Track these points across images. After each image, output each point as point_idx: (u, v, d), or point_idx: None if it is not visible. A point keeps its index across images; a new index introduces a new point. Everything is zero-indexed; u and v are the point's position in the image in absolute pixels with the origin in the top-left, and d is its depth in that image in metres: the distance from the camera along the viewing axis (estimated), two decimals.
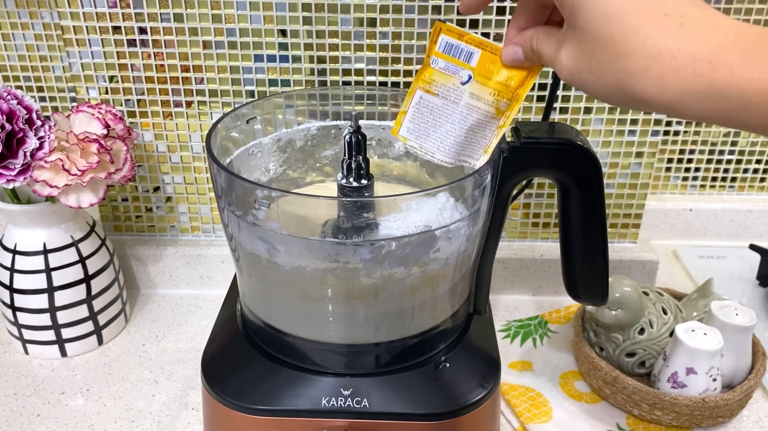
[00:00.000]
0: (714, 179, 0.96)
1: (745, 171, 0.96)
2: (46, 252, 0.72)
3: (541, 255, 0.85)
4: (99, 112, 0.69)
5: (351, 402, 0.53)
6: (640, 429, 0.67)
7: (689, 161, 0.95)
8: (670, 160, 0.95)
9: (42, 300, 0.72)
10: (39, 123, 0.66)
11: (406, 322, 0.54)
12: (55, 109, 0.88)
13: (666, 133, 0.93)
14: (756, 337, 0.71)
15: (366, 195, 0.55)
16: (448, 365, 0.56)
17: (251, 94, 0.77)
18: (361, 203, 0.53)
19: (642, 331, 0.69)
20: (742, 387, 0.66)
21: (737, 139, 0.94)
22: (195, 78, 0.76)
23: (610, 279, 0.61)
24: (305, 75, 0.76)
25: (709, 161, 0.95)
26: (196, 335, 0.80)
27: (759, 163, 0.95)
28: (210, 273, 0.86)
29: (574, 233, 0.58)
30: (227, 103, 0.78)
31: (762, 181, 0.97)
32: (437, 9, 0.73)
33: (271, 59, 0.75)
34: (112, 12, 0.73)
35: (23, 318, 0.73)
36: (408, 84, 0.77)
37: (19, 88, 0.86)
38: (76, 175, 0.66)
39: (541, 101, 0.78)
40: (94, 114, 0.69)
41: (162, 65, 0.76)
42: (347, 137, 0.53)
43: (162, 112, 0.78)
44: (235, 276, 0.65)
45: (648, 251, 0.86)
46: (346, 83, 0.77)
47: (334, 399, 0.53)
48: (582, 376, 0.73)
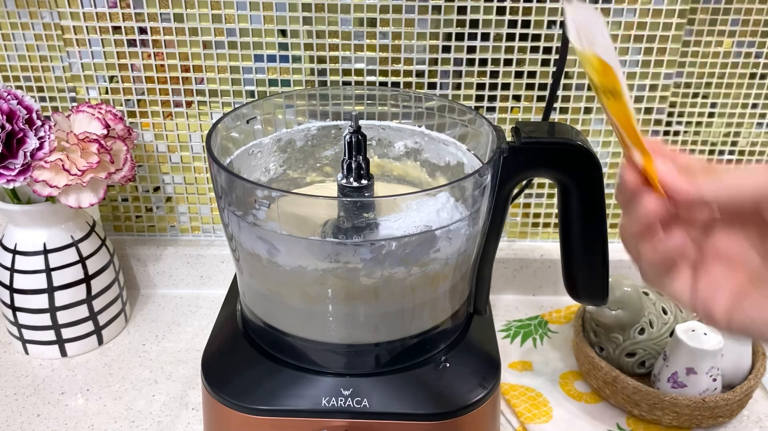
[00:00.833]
0: None
1: None
2: (46, 252, 0.72)
3: (541, 255, 0.85)
4: (99, 112, 0.69)
5: (351, 402, 0.53)
6: (640, 429, 0.67)
7: None
8: None
9: (42, 300, 0.72)
10: (39, 123, 0.66)
11: (406, 322, 0.54)
12: (55, 109, 0.88)
13: (666, 133, 0.93)
14: None
15: (366, 195, 0.55)
16: (448, 365, 0.56)
17: (251, 94, 0.77)
18: (361, 203, 0.53)
19: (642, 331, 0.69)
20: (742, 387, 0.66)
21: (737, 139, 0.93)
22: (195, 78, 0.76)
23: (610, 280, 0.61)
24: (305, 75, 0.76)
25: (709, 161, 0.95)
26: (196, 335, 0.80)
27: (759, 162, 0.95)
28: (210, 273, 0.86)
29: (574, 233, 0.58)
30: (227, 103, 0.78)
31: None
32: (437, 9, 0.73)
33: (271, 59, 0.75)
34: (112, 12, 0.73)
35: (23, 318, 0.73)
36: (408, 84, 0.77)
37: (19, 88, 0.86)
38: (76, 175, 0.66)
39: (541, 101, 0.78)
40: (94, 114, 0.69)
41: (162, 65, 0.76)
42: (347, 137, 0.53)
43: (162, 112, 0.78)
44: (235, 276, 0.65)
45: None
46: (346, 83, 0.77)
47: (334, 399, 0.53)
48: (582, 376, 0.73)
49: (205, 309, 0.85)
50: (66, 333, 0.75)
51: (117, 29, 0.73)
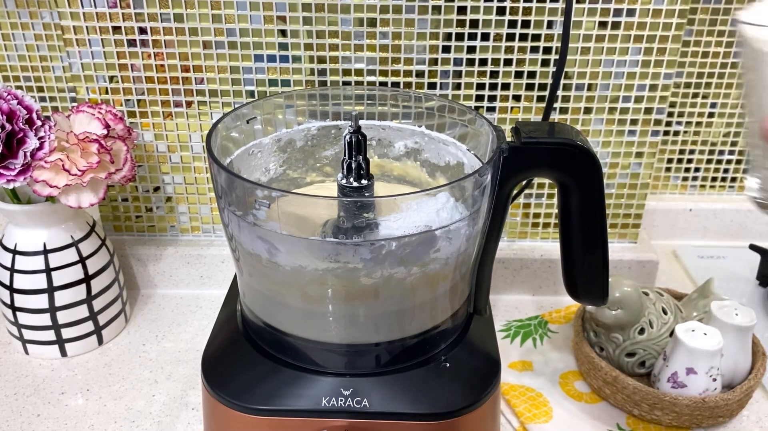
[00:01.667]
0: (714, 179, 0.96)
1: (745, 171, 0.96)
2: (46, 253, 0.72)
3: (541, 255, 0.85)
4: (99, 112, 0.69)
5: (351, 402, 0.53)
6: (640, 429, 0.67)
7: (689, 161, 0.95)
8: (670, 160, 0.95)
9: (42, 300, 0.72)
10: (39, 123, 0.66)
11: (406, 322, 0.54)
12: (55, 109, 0.88)
13: (666, 133, 0.93)
14: (756, 337, 0.71)
15: (366, 195, 0.55)
16: (448, 365, 0.56)
17: (251, 94, 0.77)
18: (361, 203, 0.53)
19: (642, 331, 0.69)
20: (742, 387, 0.66)
21: (737, 139, 0.94)
22: (195, 78, 0.76)
23: (610, 280, 0.61)
24: (305, 75, 0.76)
25: (709, 161, 0.95)
26: (196, 335, 0.80)
27: None
28: (210, 273, 0.86)
29: (574, 233, 0.58)
30: (227, 103, 0.78)
31: None
32: (437, 9, 0.73)
33: (271, 59, 0.75)
34: (112, 12, 0.73)
35: (23, 318, 0.73)
36: (408, 84, 0.77)
37: (19, 88, 0.86)
38: (76, 175, 0.66)
39: (541, 101, 0.78)
40: (94, 114, 0.69)
41: (162, 65, 0.76)
42: (347, 137, 0.53)
43: (162, 112, 0.78)
44: (235, 276, 0.65)
45: (648, 251, 0.86)
46: (346, 83, 0.77)
47: (334, 399, 0.53)
48: (582, 376, 0.73)
49: (205, 309, 0.85)
50: (66, 333, 0.75)
51: (117, 29, 0.73)
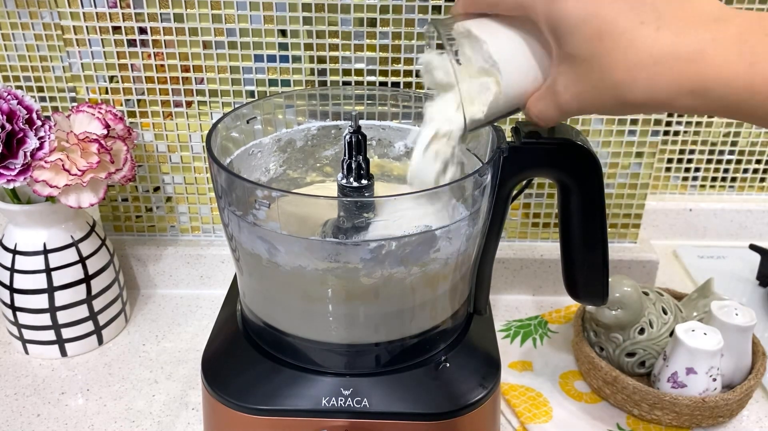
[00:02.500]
0: (714, 179, 0.96)
1: (745, 171, 0.96)
2: (46, 252, 0.72)
3: (541, 255, 0.85)
4: (99, 112, 0.69)
5: (351, 402, 0.53)
6: (640, 429, 0.67)
7: (689, 161, 0.95)
8: (670, 160, 0.95)
9: (42, 300, 0.72)
10: (39, 123, 0.66)
11: (406, 322, 0.55)
12: (55, 109, 0.88)
13: (666, 133, 0.93)
14: (756, 337, 0.71)
15: (366, 195, 0.55)
16: (448, 365, 0.56)
17: (251, 94, 0.77)
18: (361, 203, 0.53)
19: (642, 331, 0.69)
20: (742, 387, 0.66)
21: (737, 139, 0.94)
22: (195, 78, 0.76)
23: (610, 279, 0.61)
24: (305, 75, 0.76)
25: (709, 161, 0.95)
26: (196, 335, 0.80)
27: (759, 163, 0.95)
28: (210, 273, 0.86)
29: (574, 233, 0.58)
30: (227, 103, 0.78)
31: (762, 181, 0.97)
32: (437, 9, 0.73)
33: (271, 59, 0.75)
34: (112, 12, 0.73)
35: (23, 318, 0.73)
36: (408, 84, 0.77)
37: (19, 88, 0.86)
38: (76, 175, 0.66)
39: None
40: (94, 114, 0.69)
41: (162, 65, 0.76)
42: (347, 137, 0.53)
43: (162, 112, 0.78)
44: (235, 276, 0.65)
45: (648, 251, 0.86)
46: (346, 83, 0.77)
47: (334, 399, 0.53)
48: (582, 376, 0.73)
49: (205, 309, 0.85)
50: (66, 333, 0.75)
51: (117, 29, 0.73)
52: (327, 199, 0.56)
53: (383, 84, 0.77)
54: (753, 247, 0.89)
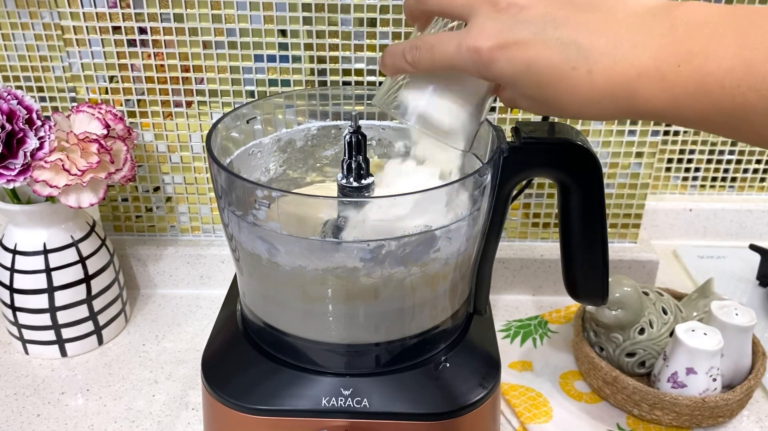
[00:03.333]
0: (714, 179, 0.96)
1: (745, 171, 0.96)
2: (46, 252, 0.72)
3: (541, 255, 0.85)
4: (99, 112, 0.69)
5: (351, 402, 0.53)
6: (640, 429, 0.67)
7: (689, 161, 0.95)
8: (670, 160, 0.95)
9: (42, 300, 0.72)
10: (39, 123, 0.66)
11: (406, 322, 0.55)
12: (55, 109, 0.88)
13: (666, 133, 0.93)
14: (756, 337, 0.71)
15: (366, 195, 0.55)
16: (448, 365, 0.56)
17: (251, 94, 0.77)
18: (361, 203, 0.53)
19: (642, 331, 0.69)
20: (742, 387, 0.66)
21: None
22: (195, 78, 0.76)
23: (610, 279, 0.61)
24: (305, 75, 0.76)
25: (709, 161, 0.95)
26: (196, 335, 0.80)
27: (759, 163, 0.95)
28: (210, 273, 0.86)
29: (574, 233, 0.58)
30: (227, 103, 0.78)
31: (762, 181, 0.97)
32: None
33: (271, 59, 0.75)
34: (112, 12, 0.73)
35: (23, 318, 0.73)
36: None
37: (19, 88, 0.86)
38: (76, 175, 0.66)
39: None
40: (94, 114, 0.69)
41: (162, 65, 0.76)
42: (347, 137, 0.53)
43: (162, 112, 0.78)
44: (235, 276, 0.65)
45: (648, 251, 0.86)
46: (346, 83, 0.77)
47: (334, 399, 0.53)
48: (582, 376, 0.73)
49: (205, 309, 0.85)
50: (66, 333, 0.75)
51: (117, 29, 0.73)
52: (327, 198, 0.56)
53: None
54: (753, 247, 0.89)
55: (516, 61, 0.40)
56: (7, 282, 0.72)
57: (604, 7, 0.39)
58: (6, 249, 0.72)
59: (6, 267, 0.72)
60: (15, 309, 0.73)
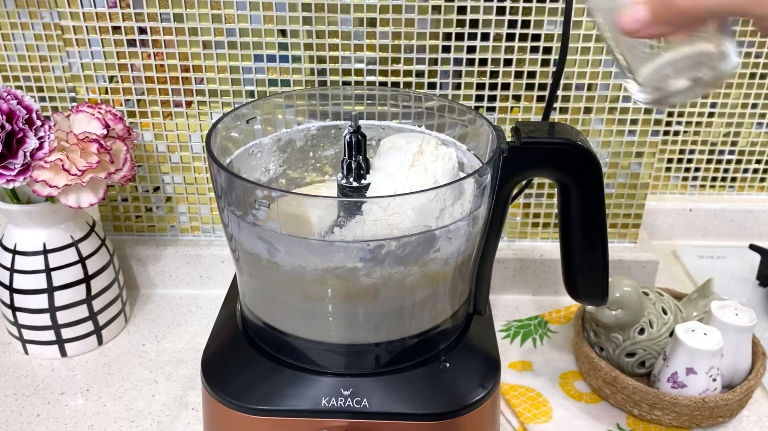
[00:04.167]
0: (714, 179, 0.96)
1: (745, 171, 0.96)
2: (45, 252, 0.72)
3: (541, 255, 0.85)
4: (99, 112, 0.69)
5: (351, 402, 0.53)
6: (640, 429, 0.67)
7: (689, 161, 0.95)
8: (670, 160, 0.95)
9: (42, 300, 0.72)
10: (39, 123, 0.66)
11: (406, 322, 0.54)
12: (55, 109, 0.88)
13: (666, 133, 0.93)
14: (756, 337, 0.71)
15: (366, 195, 0.55)
16: (448, 365, 0.56)
17: (251, 94, 0.77)
18: (361, 203, 0.53)
19: (642, 331, 0.69)
20: (742, 387, 0.66)
21: (737, 139, 0.94)
22: (195, 78, 0.76)
23: (609, 280, 0.61)
24: (305, 75, 0.76)
25: (709, 161, 0.95)
26: (195, 335, 0.80)
27: (759, 163, 0.95)
28: (210, 273, 0.86)
29: (574, 233, 0.58)
30: (227, 103, 0.78)
31: (762, 181, 0.97)
32: (437, 9, 0.73)
33: (271, 59, 0.75)
34: (112, 12, 0.73)
35: (23, 318, 0.73)
36: (408, 84, 0.77)
37: (19, 88, 0.86)
38: (76, 175, 0.66)
39: (541, 101, 0.78)
40: (94, 114, 0.69)
41: (162, 65, 0.76)
42: (347, 137, 0.53)
43: (162, 112, 0.78)
44: (235, 276, 0.65)
45: (648, 251, 0.86)
46: (346, 83, 0.77)
47: (334, 399, 0.53)
48: (582, 376, 0.73)
49: (205, 309, 0.85)
50: (66, 333, 0.75)
51: (117, 29, 0.73)
52: (327, 198, 0.56)
53: (383, 84, 0.77)
54: (753, 247, 0.89)
55: None
56: (7, 283, 0.72)
57: None
58: (6, 249, 0.72)
59: (6, 268, 0.72)
60: (15, 309, 0.73)
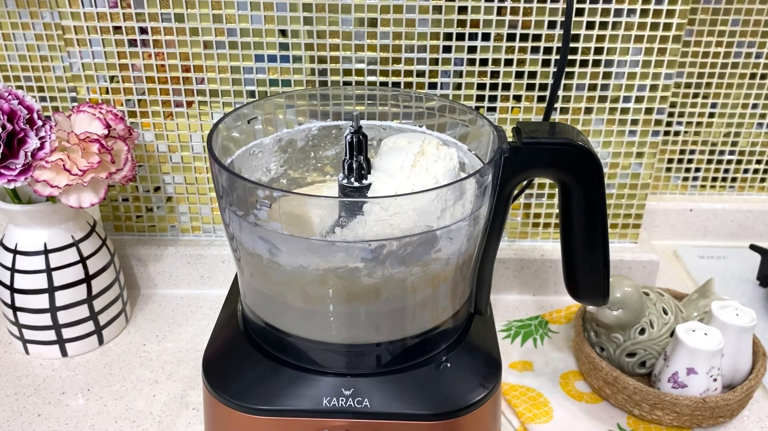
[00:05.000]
0: (714, 179, 0.97)
1: (745, 171, 0.96)
2: (46, 252, 0.72)
3: (542, 255, 0.85)
4: (100, 112, 0.69)
5: (352, 402, 0.53)
6: (640, 429, 0.67)
7: (689, 161, 0.95)
8: (670, 160, 0.95)
9: (42, 300, 0.72)
10: (40, 123, 0.66)
11: (407, 322, 0.55)
12: (56, 109, 0.88)
13: (666, 133, 0.93)
14: (756, 337, 0.71)
15: (367, 195, 0.55)
16: (449, 365, 0.56)
17: (252, 94, 0.77)
18: (363, 203, 0.53)
19: (642, 331, 0.69)
20: (742, 387, 0.66)
21: (737, 139, 0.94)
22: (195, 78, 0.76)
23: (610, 280, 0.61)
24: (306, 75, 0.76)
25: (709, 161, 0.95)
26: (196, 335, 0.80)
27: (759, 163, 0.95)
28: (210, 273, 0.86)
29: (574, 233, 0.58)
30: (228, 103, 0.78)
31: (762, 181, 0.97)
32: (437, 9, 0.73)
33: (272, 59, 0.75)
34: (112, 12, 0.73)
35: (24, 318, 0.73)
36: (408, 84, 0.77)
37: (20, 88, 0.86)
38: (77, 175, 0.66)
39: (542, 101, 0.78)
40: (94, 114, 0.69)
41: (162, 65, 0.76)
42: (348, 137, 0.53)
43: (163, 112, 0.78)
44: (236, 276, 0.65)
45: (648, 251, 0.86)
46: (346, 83, 0.77)
47: (335, 399, 0.53)
48: (583, 376, 0.73)
49: (206, 309, 0.85)
50: (66, 333, 0.75)
51: (117, 29, 0.73)
52: (328, 198, 0.56)
53: (383, 84, 0.77)
54: (753, 247, 0.89)
55: None
56: (8, 282, 0.72)
57: None
58: (7, 249, 0.72)
59: (6, 267, 0.72)
60: (15, 309, 0.73)
